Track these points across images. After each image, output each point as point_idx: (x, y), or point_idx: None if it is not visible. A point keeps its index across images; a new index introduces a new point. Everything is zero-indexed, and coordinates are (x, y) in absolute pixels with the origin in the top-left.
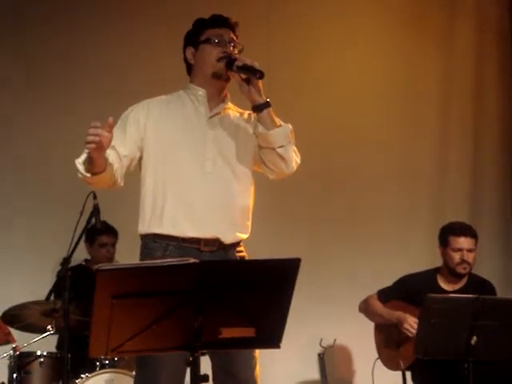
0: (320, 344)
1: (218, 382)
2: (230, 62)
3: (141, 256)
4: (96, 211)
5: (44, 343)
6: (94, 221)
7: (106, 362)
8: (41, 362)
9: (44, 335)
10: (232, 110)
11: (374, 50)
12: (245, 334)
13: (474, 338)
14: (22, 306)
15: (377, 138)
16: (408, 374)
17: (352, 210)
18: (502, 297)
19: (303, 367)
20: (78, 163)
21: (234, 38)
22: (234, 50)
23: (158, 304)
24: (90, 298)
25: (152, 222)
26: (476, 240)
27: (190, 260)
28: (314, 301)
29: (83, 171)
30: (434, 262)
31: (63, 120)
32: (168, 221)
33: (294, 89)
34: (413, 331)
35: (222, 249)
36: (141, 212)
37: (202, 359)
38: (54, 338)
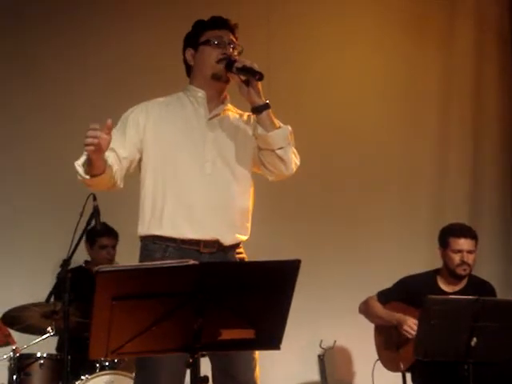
0: (320, 345)
1: (217, 383)
2: (229, 64)
3: (140, 257)
4: (96, 213)
5: (44, 345)
6: (94, 222)
7: (106, 364)
8: (41, 363)
9: (44, 337)
10: (232, 111)
11: (373, 50)
12: (245, 336)
13: (474, 339)
14: (22, 308)
15: (377, 138)
16: (408, 376)
17: (352, 210)
18: (502, 298)
19: (303, 369)
20: (77, 165)
21: (234, 40)
22: (234, 51)
23: (157, 305)
24: (90, 299)
25: (151, 223)
26: (476, 241)
27: (190, 262)
28: (314, 302)
29: (82, 173)
30: (434, 263)
31: (63, 120)
32: (167, 222)
33: (294, 89)
34: (412, 333)
35: (221, 250)
36: (140, 214)
37: (202, 361)
38: (54, 340)
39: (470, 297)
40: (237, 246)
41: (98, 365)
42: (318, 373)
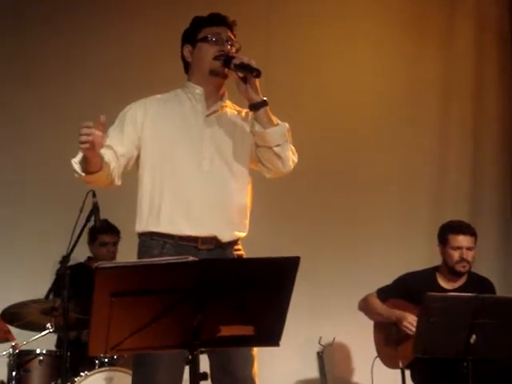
0: (319, 342)
1: (215, 381)
2: (227, 61)
3: (138, 254)
4: (95, 209)
5: (43, 341)
6: (93, 219)
7: (105, 360)
8: (40, 360)
9: (43, 333)
10: (230, 108)
11: (373, 50)
12: (244, 332)
13: (474, 336)
14: (22, 304)
15: (376, 138)
16: (407, 373)
17: (351, 208)
18: (502, 295)
19: (302, 365)
20: (74, 163)
21: (232, 37)
22: (232, 48)
23: (157, 302)
24: (89, 296)
25: (149, 220)
26: (475, 238)
27: (189, 258)
28: (313, 299)
29: (79, 170)
30: (434, 262)
31: (63, 120)
32: (165, 219)
33: (294, 89)
34: (412, 329)
35: (219, 247)
36: (138, 210)
37: (202, 357)
38: (53, 336)
39: (470, 294)
40: (235, 242)
41: (97, 361)
42: (317, 369)
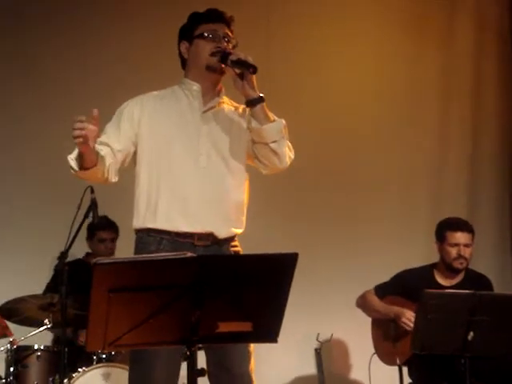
0: (317, 339)
1: (212, 377)
2: (224, 57)
3: (135, 250)
4: (93, 205)
5: (41, 337)
6: (91, 215)
7: (103, 356)
8: (38, 355)
9: (41, 329)
10: (227, 104)
11: (373, 50)
12: (242, 329)
13: (471, 333)
14: (20, 300)
15: (376, 137)
16: (405, 369)
17: (350, 206)
18: (499, 292)
19: (300, 362)
20: (70, 159)
21: (229, 33)
22: (229, 45)
23: (155, 298)
24: (87, 291)
25: (146, 216)
26: (473, 235)
27: (188, 254)
28: (311, 296)
29: (74, 166)
30: (432, 260)
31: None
32: (162, 216)
33: (294, 89)
34: (411, 325)
35: (216, 243)
36: (135, 207)
37: (199, 354)
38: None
39: (467, 291)
40: (231, 239)
41: (95, 357)
42: (315, 366)
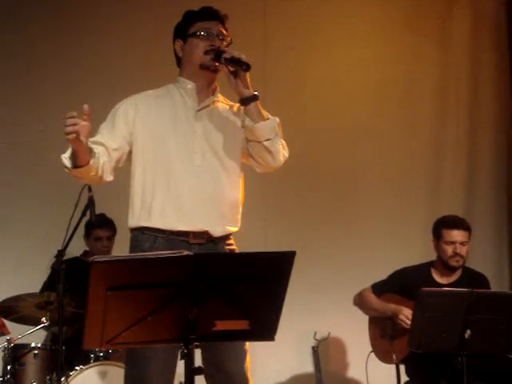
0: (314, 337)
1: (208, 375)
2: (217, 55)
3: (130, 249)
4: (91, 204)
5: (38, 335)
6: (89, 214)
7: (101, 354)
8: (35, 354)
9: (38, 327)
10: (222, 102)
11: (372, 50)
12: (239, 327)
13: (468, 331)
14: (17, 298)
15: (373, 135)
16: (402, 367)
17: (346, 203)
18: (496, 290)
19: (297, 360)
20: (63, 157)
21: (223, 31)
22: (222, 43)
23: (152, 296)
24: (84, 290)
25: (141, 215)
26: (469, 233)
27: (184, 252)
28: (309, 294)
29: (68, 164)
30: (430, 258)
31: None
32: (156, 214)
33: (290, 88)
34: (408, 322)
35: (211, 241)
36: (130, 205)
37: (196, 352)
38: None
39: (465, 289)
40: (227, 237)
41: (92, 355)
42: (312, 364)
